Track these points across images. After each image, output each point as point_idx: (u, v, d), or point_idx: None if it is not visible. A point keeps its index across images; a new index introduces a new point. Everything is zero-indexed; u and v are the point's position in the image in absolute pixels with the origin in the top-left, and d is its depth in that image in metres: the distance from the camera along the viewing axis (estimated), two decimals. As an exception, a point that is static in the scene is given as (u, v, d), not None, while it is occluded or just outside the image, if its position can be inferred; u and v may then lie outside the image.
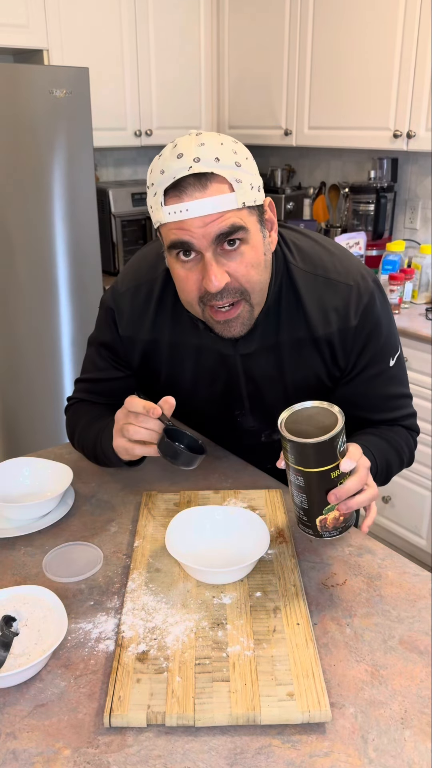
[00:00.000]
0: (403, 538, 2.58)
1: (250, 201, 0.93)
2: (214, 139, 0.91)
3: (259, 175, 0.97)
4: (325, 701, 0.74)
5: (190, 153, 0.89)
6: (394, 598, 0.93)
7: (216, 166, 0.89)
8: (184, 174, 0.89)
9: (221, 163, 0.89)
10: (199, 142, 0.90)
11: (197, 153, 0.89)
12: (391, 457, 1.12)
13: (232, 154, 0.91)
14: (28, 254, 2.55)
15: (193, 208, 0.89)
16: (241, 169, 0.91)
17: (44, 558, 1.02)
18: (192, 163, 0.88)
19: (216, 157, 0.89)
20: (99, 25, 2.78)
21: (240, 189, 0.91)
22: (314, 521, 0.90)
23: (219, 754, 0.71)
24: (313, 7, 2.68)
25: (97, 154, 3.30)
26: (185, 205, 0.89)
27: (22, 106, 2.38)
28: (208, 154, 0.89)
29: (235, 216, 0.92)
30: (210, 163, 0.89)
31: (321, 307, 1.07)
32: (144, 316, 1.15)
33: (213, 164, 0.89)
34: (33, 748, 0.72)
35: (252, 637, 0.84)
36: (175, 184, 0.90)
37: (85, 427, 1.22)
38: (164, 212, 0.92)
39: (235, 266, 0.95)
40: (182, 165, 0.89)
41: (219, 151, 0.90)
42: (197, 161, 0.88)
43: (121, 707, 0.74)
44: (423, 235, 2.86)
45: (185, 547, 0.97)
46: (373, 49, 2.49)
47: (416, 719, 0.75)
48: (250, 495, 1.16)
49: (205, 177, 0.89)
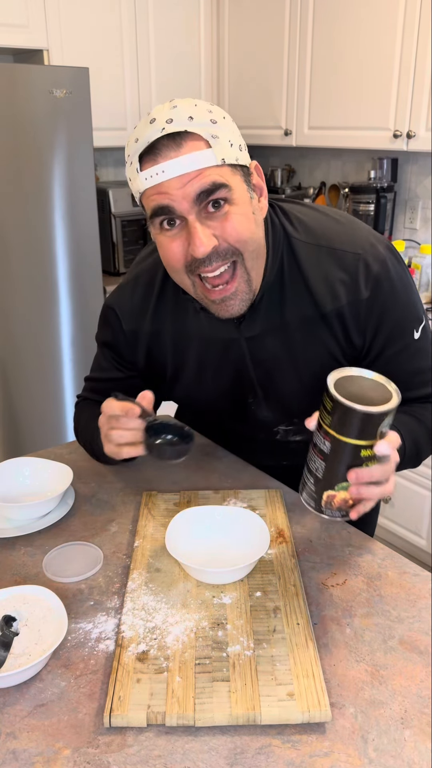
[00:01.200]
0: (403, 538, 2.58)
1: (231, 158, 0.88)
2: (188, 102, 0.89)
3: (240, 136, 0.93)
4: (325, 701, 0.74)
5: (162, 116, 0.87)
6: (394, 598, 0.93)
7: (189, 125, 0.86)
8: (158, 136, 0.86)
9: (195, 121, 0.86)
10: (172, 106, 0.88)
11: (169, 115, 0.86)
12: (422, 438, 1.05)
13: (207, 113, 0.88)
14: (28, 254, 2.55)
15: (169, 168, 0.86)
16: (218, 125, 0.88)
17: (44, 558, 1.02)
18: (165, 125, 0.86)
19: (189, 116, 0.86)
20: (99, 25, 2.78)
21: (217, 144, 0.87)
22: (321, 494, 0.86)
23: (219, 754, 0.71)
24: (313, 8, 2.68)
25: (97, 154, 3.29)
26: (160, 166, 0.86)
27: (22, 106, 2.38)
28: (181, 115, 0.86)
29: (215, 173, 0.87)
30: (183, 122, 0.86)
31: (327, 280, 1.00)
32: (145, 308, 1.12)
33: (186, 123, 0.86)
34: (33, 748, 0.72)
35: (252, 637, 0.84)
36: (149, 148, 0.87)
37: (85, 427, 1.23)
38: (141, 179, 0.89)
39: (222, 226, 0.90)
40: (155, 128, 0.86)
41: (192, 110, 0.87)
42: (170, 122, 0.86)
43: (121, 707, 0.74)
44: (423, 235, 2.86)
45: (185, 547, 0.97)
46: (373, 49, 2.49)
47: (416, 719, 0.75)
48: (250, 495, 1.16)
49: (179, 136, 0.86)
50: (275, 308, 1.04)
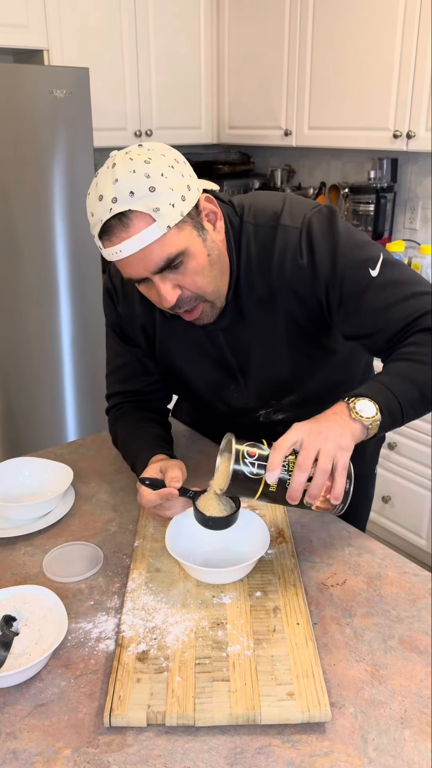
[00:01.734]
0: (403, 538, 2.58)
1: (176, 219, 0.94)
2: (126, 168, 0.92)
3: (186, 177, 0.96)
4: (325, 701, 0.74)
5: (107, 193, 0.93)
6: (394, 598, 0.94)
7: (131, 202, 0.92)
8: (107, 217, 0.93)
9: (135, 196, 0.92)
10: (114, 179, 0.92)
11: (113, 193, 0.92)
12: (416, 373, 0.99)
13: (145, 179, 0.92)
14: (28, 254, 2.55)
15: (125, 249, 0.94)
16: (157, 192, 0.92)
17: (44, 558, 1.02)
18: (111, 205, 0.92)
19: (130, 191, 0.91)
20: (99, 25, 2.78)
21: (160, 216, 0.93)
22: (312, 510, 0.90)
23: (219, 753, 0.71)
24: (313, 8, 2.68)
25: (97, 154, 3.29)
26: (117, 247, 0.95)
27: (22, 106, 2.38)
28: (122, 191, 0.92)
29: (166, 247, 0.95)
30: (125, 201, 0.92)
31: (274, 257, 1.07)
32: (135, 294, 1.17)
33: (128, 201, 0.92)
34: (33, 747, 0.72)
35: (252, 637, 0.84)
36: (104, 228, 0.94)
37: (123, 445, 1.25)
38: (106, 254, 0.98)
39: (182, 279, 0.99)
40: (104, 208, 0.93)
41: (131, 182, 0.92)
42: (114, 201, 0.92)
43: (121, 707, 0.74)
44: (423, 235, 2.86)
45: (185, 547, 0.97)
46: (373, 50, 2.49)
47: (416, 719, 0.75)
48: (250, 495, 1.16)
49: (124, 216, 0.92)
50: (237, 298, 1.11)
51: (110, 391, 1.31)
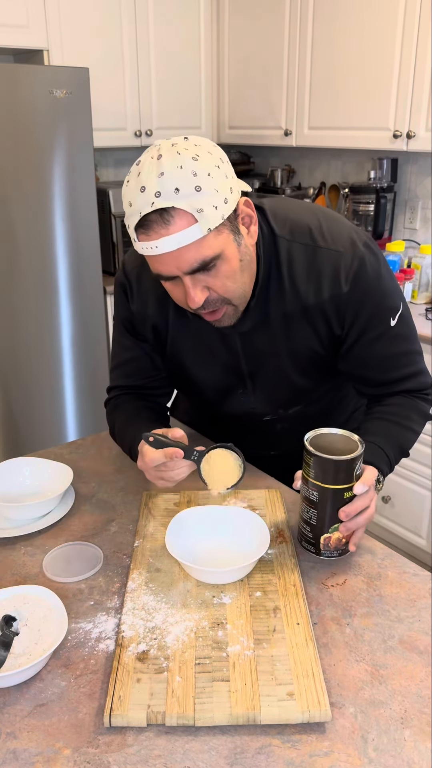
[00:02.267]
0: (403, 538, 2.58)
1: (217, 221, 0.92)
2: (174, 163, 0.89)
3: (229, 179, 0.95)
4: (325, 701, 0.74)
5: (151, 186, 0.89)
6: (394, 598, 0.94)
7: (176, 200, 0.89)
8: (148, 211, 0.90)
9: (181, 194, 0.89)
10: (159, 171, 0.89)
11: (157, 186, 0.89)
12: (403, 440, 1.13)
13: (192, 178, 0.89)
14: (28, 254, 2.55)
15: (161, 245, 0.92)
16: (202, 193, 0.90)
17: (44, 558, 1.02)
18: (153, 198, 0.89)
19: (175, 188, 0.88)
20: (99, 25, 2.78)
21: (203, 218, 0.90)
22: (318, 539, 0.99)
23: (219, 753, 0.71)
24: (313, 8, 2.68)
25: (97, 154, 3.30)
26: (153, 243, 0.92)
27: (22, 106, 2.38)
28: (168, 186, 0.89)
29: (203, 249, 0.93)
30: (170, 197, 0.89)
31: (311, 277, 1.06)
32: (150, 293, 1.16)
33: (173, 198, 0.89)
34: (33, 747, 0.72)
35: (252, 637, 0.84)
36: (142, 221, 0.92)
37: (121, 430, 1.25)
38: (139, 247, 0.95)
39: (212, 281, 0.98)
40: (145, 200, 0.90)
41: (178, 179, 0.89)
42: (158, 196, 0.89)
43: (121, 707, 0.74)
44: (423, 235, 2.86)
45: (185, 547, 0.97)
46: (373, 50, 2.49)
47: (416, 719, 0.75)
48: (250, 495, 1.16)
49: (166, 212, 0.90)
50: (263, 306, 1.10)
51: (113, 384, 1.30)
